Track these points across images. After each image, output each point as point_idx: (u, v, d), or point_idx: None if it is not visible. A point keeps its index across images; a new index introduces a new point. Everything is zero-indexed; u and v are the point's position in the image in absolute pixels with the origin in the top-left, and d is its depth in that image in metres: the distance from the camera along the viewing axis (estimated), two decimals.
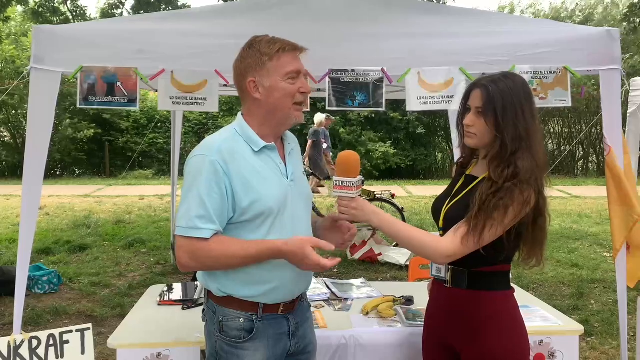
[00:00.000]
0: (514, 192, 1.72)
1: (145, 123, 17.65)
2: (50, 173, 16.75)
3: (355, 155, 1.88)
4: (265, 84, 1.77)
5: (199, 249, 1.71)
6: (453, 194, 1.95)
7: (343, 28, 3.13)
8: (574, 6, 23.70)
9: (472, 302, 1.87)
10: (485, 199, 1.73)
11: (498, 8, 25.06)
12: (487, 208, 1.72)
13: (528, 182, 1.73)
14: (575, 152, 17.60)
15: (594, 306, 5.02)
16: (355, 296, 2.96)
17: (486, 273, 1.87)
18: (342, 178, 1.81)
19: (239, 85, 1.84)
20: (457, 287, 1.90)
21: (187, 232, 1.70)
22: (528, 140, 1.76)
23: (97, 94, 2.96)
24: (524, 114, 1.77)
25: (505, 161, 1.76)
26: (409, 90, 3.03)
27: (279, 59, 1.77)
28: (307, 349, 1.98)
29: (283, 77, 1.77)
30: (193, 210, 1.70)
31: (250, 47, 1.81)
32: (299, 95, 1.81)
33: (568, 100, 2.99)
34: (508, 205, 1.72)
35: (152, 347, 2.33)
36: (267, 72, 1.77)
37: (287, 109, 1.81)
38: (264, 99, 1.79)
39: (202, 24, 3.25)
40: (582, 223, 8.98)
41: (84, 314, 4.81)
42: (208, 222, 1.70)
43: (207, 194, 1.69)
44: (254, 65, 1.78)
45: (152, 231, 8.24)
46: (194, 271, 1.84)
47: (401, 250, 6.52)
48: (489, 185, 1.76)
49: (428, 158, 17.96)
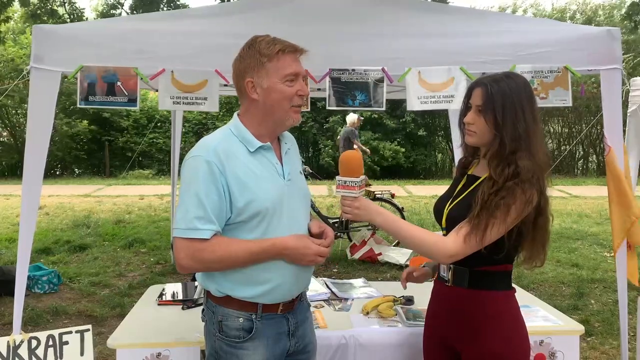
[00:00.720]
0: (516, 191, 1.72)
1: (145, 123, 17.67)
2: (50, 173, 16.76)
3: (358, 154, 1.88)
4: (263, 85, 1.77)
5: (200, 249, 1.70)
6: (455, 194, 1.95)
7: (343, 27, 3.13)
8: (575, 7, 23.72)
9: (473, 302, 1.87)
10: (487, 198, 1.73)
11: (499, 9, 25.05)
12: (489, 207, 1.72)
13: (530, 181, 1.73)
14: (575, 151, 17.61)
15: (594, 306, 5.02)
16: (355, 296, 2.96)
17: (488, 272, 1.87)
18: (345, 178, 1.81)
19: (237, 84, 1.83)
20: (459, 286, 1.90)
21: (187, 234, 1.70)
22: (528, 140, 1.76)
23: (97, 94, 2.96)
24: (524, 114, 1.77)
25: (504, 160, 1.76)
26: (410, 89, 3.02)
27: (278, 60, 1.76)
28: (307, 348, 1.97)
29: (281, 79, 1.77)
30: (191, 211, 1.69)
31: (250, 47, 1.80)
32: (297, 98, 1.81)
33: (568, 100, 2.99)
34: (510, 204, 1.72)
35: (151, 347, 2.33)
36: (266, 73, 1.76)
37: (284, 111, 1.80)
38: (261, 99, 1.78)
39: (202, 23, 3.25)
40: (582, 223, 8.98)
41: (84, 313, 4.80)
42: (207, 223, 1.69)
43: (204, 195, 1.69)
44: (252, 66, 1.77)
45: (152, 231, 8.24)
46: (194, 272, 1.84)
47: (401, 250, 6.52)
48: (491, 185, 1.76)
49: (428, 158, 17.97)
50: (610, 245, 5.63)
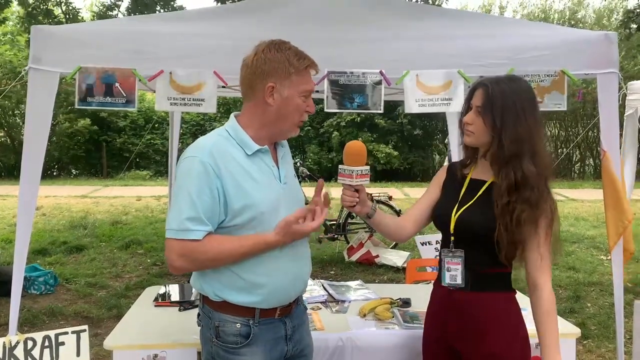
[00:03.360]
0: (542, 204, 1.80)
1: (142, 124, 17.66)
2: (47, 173, 16.73)
3: (359, 144, 1.89)
4: (284, 94, 1.76)
5: (192, 250, 1.70)
6: (461, 199, 1.94)
7: (341, 30, 3.13)
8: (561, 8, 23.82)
9: (475, 304, 1.88)
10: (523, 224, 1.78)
11: (483, 9, 25.07)
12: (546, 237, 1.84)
13: (543, 188, 1.79)
14: (572, 155, 17.66)
15: (590, 309, 5.03)
16: (353, 298, 2.95)
17: (489, 275, 1.88)
18: (345, 166, 1.86)
19: (251, 83, 1.78)
20: (460, 289, 1.90)
21: (179, 235, 1.70)
22: (531, 143, 1.77)
23: (96, 95, 2.96)
24: (525, 117, 1.78)
25: (507, 164, 1.77)
26: (408, 92, 3.03)
27: (303, 76, 1.77)
28: (304, 352, 1.97)
29: (300, 93, 1.78)
30: (184, 212, 1.69)
31: (278, 50, 1.76)
32: (305, 115, 1.84)
33: (564, 104, 3.00)
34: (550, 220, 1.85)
35: (148, 349, 2.32)
36: (290, 83, 1.75)
37: (292, 123, 1.82)
38: (276, 106, 1.77)
39: (201, 25, 3.25)
40: (579, 226, 9.00)
41: (80, 314, 4.79)
42: (199, 224, 1.69)
43: (197, 195, 1.68)
44: (279, 72, 1.74)
45: (149, 232, 8.23)
46: (188, 272, 1.84)
47: (398, 253, 6.52)
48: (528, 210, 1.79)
49: (425, 160, 18.00)
50: (607, 248, 5.64)
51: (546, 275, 1.85)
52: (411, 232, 2.08)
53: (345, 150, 1.88)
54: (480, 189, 1.90)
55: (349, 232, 7.16)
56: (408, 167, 17.30)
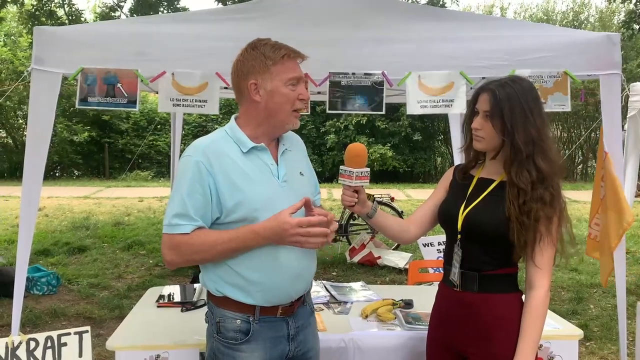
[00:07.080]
0: (556, 202, 1.81)
1: (145, 125, 17.68)
2: (50, 174, 16.75)
3: (360, 146, 1.93)
4: (267, 88, 1.78)
5: (180, 243, 1.74)
6: (468, 197, 1.94)
7: (343, 32, 3.14)
8: (564, 9, 23.82)
9: (483, 305, 1.87)
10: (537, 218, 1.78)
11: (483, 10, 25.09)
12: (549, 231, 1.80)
13: (557, 187, 1.81)
14: (574, 156, 17.64)
15: (593, 311, 5.02)
16: (355, 299, 2.95)
17: (497, 276, 1.88)
18: (345, 167, 1.90)
19: (238, 85, 1.84)
20: (468, 290, 1.90)
21: (167, 230, 1.76)
22: (541, 142, 1.78)
23: (97, 95, 2.96)
24: (533, 116, 1.78)
25: (524, 165, 1.78)
26: (409, 93, 3.03)
27: (282, 65, 1.78)
28: (308, 354, 1.96)
29: (285, 83, 1.79)
30: (174, 209, 1.75)
31: (253, 49, 1.81)
32: (298, 102, 1.83)
33: (567, 105, 3.00)
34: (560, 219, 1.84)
35: (150, 349, 2.33)
36: (270, 76, 1.78)
37: (285, 114, 1.82)
38: (264, 102, 1.79)
39: (203, 26, 3.26)
40: (581, 227, 8.98)
41: (83, 315, 4.80)
42: (186, 219, 1.73)
43: (188, 194, 1.73)
44: (257, 68, 1.78)
45: (151, 233, 8.23)
46: (182, 267, 1.86)
47: (401, 254, 6.52)
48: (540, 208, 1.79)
49: (427, 162, 17.98)
50: None
51: (546, 277, 1.83)
52: (415, 234, 2.08)
53: (346, 151, 1.92)
54: (488, 188, 1.90)
55: (351, 234, 7.16)
56: (409, 169, 17.28)
